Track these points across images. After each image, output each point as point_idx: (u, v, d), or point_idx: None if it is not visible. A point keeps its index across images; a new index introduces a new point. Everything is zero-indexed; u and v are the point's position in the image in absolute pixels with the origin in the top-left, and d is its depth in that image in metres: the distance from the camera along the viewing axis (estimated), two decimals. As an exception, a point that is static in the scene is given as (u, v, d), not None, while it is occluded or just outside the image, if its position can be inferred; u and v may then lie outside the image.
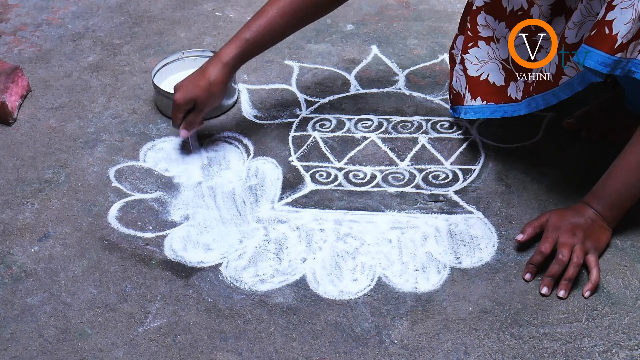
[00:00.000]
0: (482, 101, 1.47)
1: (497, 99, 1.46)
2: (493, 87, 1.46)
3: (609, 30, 1.18)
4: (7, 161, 1.58)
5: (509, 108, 1.45)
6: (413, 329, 1.23)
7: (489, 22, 1.42)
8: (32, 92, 1.76)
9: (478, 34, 1.44)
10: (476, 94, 1.48)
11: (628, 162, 1.28)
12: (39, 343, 1.23)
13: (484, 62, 1.45)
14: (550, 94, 1.35)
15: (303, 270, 1.33)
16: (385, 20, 1.98)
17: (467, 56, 1.47)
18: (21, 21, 2.02)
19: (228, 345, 1.22)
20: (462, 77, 1.50)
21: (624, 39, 1.18)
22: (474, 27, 1.44)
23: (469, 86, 1.48)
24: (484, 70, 1.46)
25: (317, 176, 1.52)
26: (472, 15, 1.44)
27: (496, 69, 1.45)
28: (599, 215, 1.32)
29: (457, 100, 1.54)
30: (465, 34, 1.47)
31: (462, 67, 1.49)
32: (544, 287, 1.27)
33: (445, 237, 1.38)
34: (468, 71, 1.48)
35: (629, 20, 1.17)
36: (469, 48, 1.46)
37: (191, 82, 1.49)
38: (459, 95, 1.53)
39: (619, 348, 1.19)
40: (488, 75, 1.46)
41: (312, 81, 1.77)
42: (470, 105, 1.49)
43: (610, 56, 1.19)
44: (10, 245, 1.40)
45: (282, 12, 1.46)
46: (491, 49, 1.44)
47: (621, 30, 1.18)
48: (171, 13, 2.04)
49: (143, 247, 1.39)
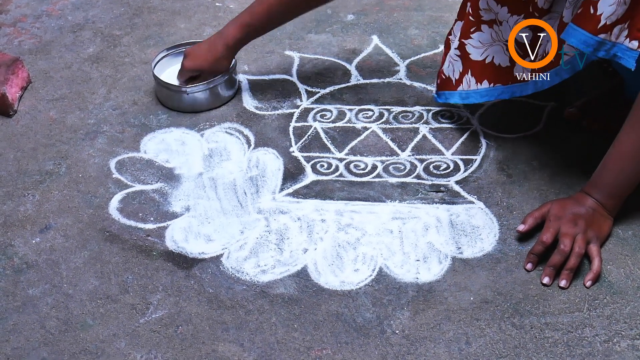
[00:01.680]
0: (490, 84, 1.47)
1: (504, 80, 1.46)
2: (499, 69, 1.46)
3: (593, 9, 1.18)
4: (7, 153, 1.58)
5: (517, 88, 1.46)
6: (414, 319, 1.24)
7: (491, 6, 1.42)
8: (32, 84, 1.76)
9: (480, 17, 1.44)
10: (482, 77, 1.48)
11: (622, 151, 1.28)
12: (40, 334, 1.23)
13: (488, 45, 1.45)
14: (553, 73, 1.35)
15: (304, 261, 1.34)
16: (385, 10, 1.97)
17: (469, 41, 1.47)
18: (21, 12, 2.02)
19: (229, 336, 1.22)
20: (457, 62, 1.50)
21: (607, 20, 1.18)
22: (476, 11, 1.44)
23: (472, 71, 1.48)
24: (488, 53, 1.46)
25: (318, 167, 1.52)
26: (472, 1, 1.44)
27: (501, 51, 1.45)
28: (600, 204, 1.31)
29: (445, 86, 1.54)
30: (465, 19, 1.47)
31: (459, 52, 1.49)
32: (545, 277, 1.27)
33: (447, 228, 1.38)
34: (471, 56, 1.48)
35: (614, 2, 1.17)
36: (471, 33, 1.46)
37: (200, 53, 1.64)
38: (449, 81, 1.53)
39: (620, 337, 1.19)
40: (493, 58, 1.46)
41: (312, 72, 1.77)
42: (476, 89, 1.48)
43: (593, 36, 1.20)
44: (12, 237, 1.40)
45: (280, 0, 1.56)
46: (494, 31, 1.44)
47: (605, 11, 1.18)
48: (171, 4, 2.03)
49: (144, 238, 1.39)
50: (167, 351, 1.20)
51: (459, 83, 1.51)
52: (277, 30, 1.72)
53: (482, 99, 1.50)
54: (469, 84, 1.50)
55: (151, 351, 1.20)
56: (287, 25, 1.75)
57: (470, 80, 1.49)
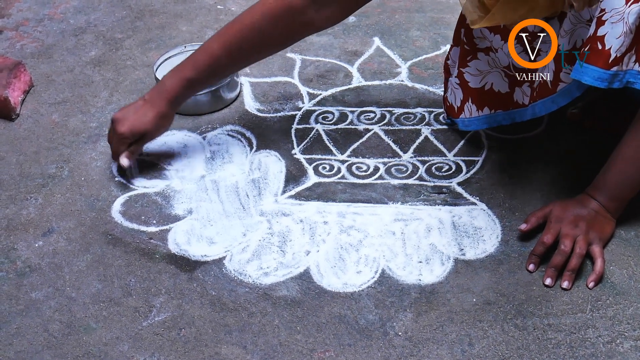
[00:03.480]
0: (491, 110, 1.48)
1: (505, 106, 1.47)
2: (499, 95, 1.46)
3: (601, 45, 1.18)
4: (10, 157, 1.58)
5: (517, 114, 1.46)
6: (417, 320, 1.24)
7: (485, 34, 1.42)
8: (34, 88, 1.76)
9: (476, 46, 1.45)
10: (482, 104, 1.48)
11: (626, 153, 1.28)
12: (44, 338, 1.24)
13: (486, 72, 1.46)
14: (549, 101, 1.35)
15: (307, 263, 1.34)
16: (387, 12, 1.98)
17: (466, 69, 1.47)
18: (23, 16, 2.02)
19: (232, 339, 1.22)
20: (458, 90, 1.50)
21: (617, 52, 1.18)
22: (470, 40, 1.45)
23: (472, 98, 1.49)
24: (487, 80, 1.46)
25: (320, 169, 1.52)
26: (466, 28, 1.44)
27: (499, 77, 1.45)
28: (602, 206, 1.31)
29: (450, 112, 1.56)
30: (461, 48, 1.47)
31: (458, 80, 1.50)
32: (547, 278, 1.27)
33: (449, 229, 1.38)
34: (470, 84, 1.48)
35: (621, 34, 1.17)
36: (468, 61, 1.46)
37: (136, 114, 1.46)
38: (452, 108, 1.54)
39: (623, 339, 1.19)
40: (492, 84, 1.46)
41: (314, 74, 1.77)
42: (477, 116, 1.49)
43: (606, 71, 1.19)
44: (15, 241, 1.40)
45: (226, 48, 1.42)
46: (491, 58, 1.44)
47: (614, 44, 1.18)
48: (173, 7, 2.03)
49: (147, 241, 1.39)
50: (170, 354, 1.20)
51: (460, 111, 1.52)
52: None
53: (484, 126, 1.51)
54: (470, 111, 1.50)
55: (154, 354, 1.20)
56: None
57: (472, 108, 1.50)
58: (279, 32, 1.42)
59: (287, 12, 1.39)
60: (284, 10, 1.39)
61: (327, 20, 1.43)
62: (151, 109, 1.46)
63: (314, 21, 1.41)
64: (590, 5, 1.21)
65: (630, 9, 1.15)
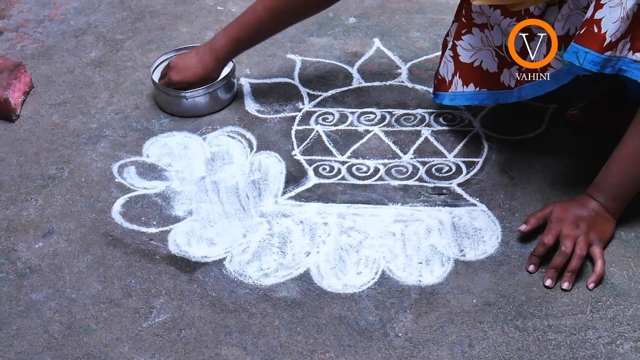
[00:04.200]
0: (475, 87, 1.47)
1: (490, 86, 1.47)
2: (486, 74, 1.46)
3: (597, 28, 1.18)
4: (10, 158, 1.58)
5: (501, 95, 1.46)
6: (417, 322, 1.24)
7: (483, 9, 1.42)
8: (34, 89, 1.76)
9: (472, 20, 1.45)
10: (469, 80, 1.48)
11: (625, 154, 1.28)
12: (44, 339, 1.24)
13: (477, 48, 1.46)
14: (537, 85, 1.36)
15: (307, 264, 1.34)
16: (387, 13, 1.98)
17: (460, 42, 1.47)
18: (23, 17, 2.02)
19: (232, 340, 1.22)
20: (451, 63, 1.50)
21: (612, 37, 1.18)
22: (468, 13, 1.45)
23: (460, 72, 1.48)
24: (477, 57, 1.46)
25: (320, 170, 1.52)
26: (467, 3, 1.44)
27: (490, 56, 1.45)
28: (602, 207, 1.31)
29: (441, 86, 1.55)
30: (459, 21, 1.47)
31: (452, 53, 1.49)
32: (547, 279, 1.27)
33: (449, 230, 1.38)
34: (460, 57, 1.48)
35: (618, 19, 1.17)
36: (462, 35, 1.46)
37: (188, 66, 1.63)
38: (444, 82, 1.53)
39: (623, 340, 1.19)
40: (481, 62, 1.46)
41: (314, 75, 1.77)
42: (462, 91, 1.49)
43: (600, 54, 1.20)
44: (15, 242, 1.40)
45: (271, 11, 1.54)
46: (485, 35, 1.44)
47: (610, 28, 1.18)
48: (173, 8, 2.03)
49: (147, 242, 1.39)
50: (170, 355, 1.20)
51: (450, 84, 1.52)
52: (279, 33, 1.72)
53: (467, 102, 1.51)
54: (456, 86, 1.50)
55: (154, 355, 1.20)
56: (289, 29, 1.75)
57: (458, 82, 1.49)
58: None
59: None
60: None
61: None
62: (201, 64, 1.62)
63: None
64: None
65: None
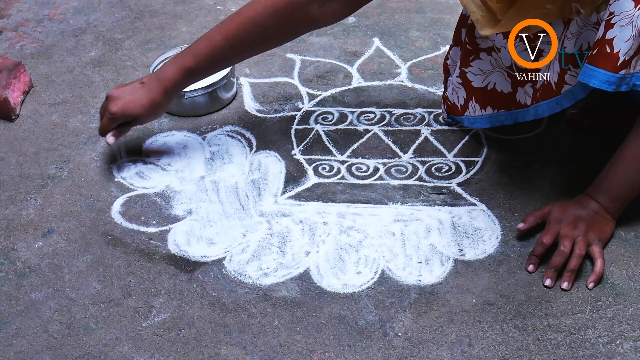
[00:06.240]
0: (493, 110, 1.48)
1: (507, 106, 1.47)
2: (501, 95, 1.46)
3: (610, 48, 1.18)
4: (10, 157, 1.58)
5: (519, 114, 1.46)
6: (417, 321, 1.24)
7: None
8: (34, 88, 1.76)
9: (478, 46, 1.45)
10: (485, 104, 1.48)
11: (627, 155, 1.28)
12: (43, 338, 1.24)
13: (489, 72, 1.46)
14: (553, 102, 1.35)
15: (306, 264, 1.34)
16: (387, 12, 1.98)
17: (469, 69, 1.47)
18: (23, 17, 2.02)
19: (232, 339, 1.22)
20: (461, 89, 1.50)
21: (626, 56, 1.18)
22: (472, 39, 1.44)
23: (475, 97, 1.49)
24: (490, 80, 1.46)
25: (319, 169, 1.52)
26: (468, 29, 1.44)
27: (501, 77, 1.45)
28: (602, 207, 1.31)
29: (453, 111, 1.56)
30: (463, 48, 1.47)
31: (460, 80, 1.50)
32: (547, 279, 1.27)
33: (449, 230, 1.38)
34: (473, 83, 1.48)
35: (629, 37, 1.16)
36: (470, 61, 1.46)
37: (132, 97, 1.45)
38: (455, 107, 1.54)
39: (623, 339, 1.19)
40: (495, 84, 1.46)
41: (314, 74, 1.77)
42: (481, 115, 1.49)
43: (614, 74, 1.19)
44: (14, 241, 1.40)
45: (228, 40, 1.41)
46: (493, 58, 1.44)
47: (622, 47, 1.17)
48: (172, 7, 2.03)
49: (147, 241, 1.39)
50: (170, 355, 1.20)
51: (464, 109, 1.52)
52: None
53: (487, 125, 1.51)
54: (474, 110, 1.50)
55: (154, 355, 1.20)
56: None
57: (475, 107, 1.50)
58: (281, 26, 1.41)
59: (290, 6, 1.37)
60: (287, 4, 1.37)
61: (332, 16, 1.41)
62: (147, 94, 1.45)
63: (318, 16, 1.40)
64: (598, 12, 1.21)
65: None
